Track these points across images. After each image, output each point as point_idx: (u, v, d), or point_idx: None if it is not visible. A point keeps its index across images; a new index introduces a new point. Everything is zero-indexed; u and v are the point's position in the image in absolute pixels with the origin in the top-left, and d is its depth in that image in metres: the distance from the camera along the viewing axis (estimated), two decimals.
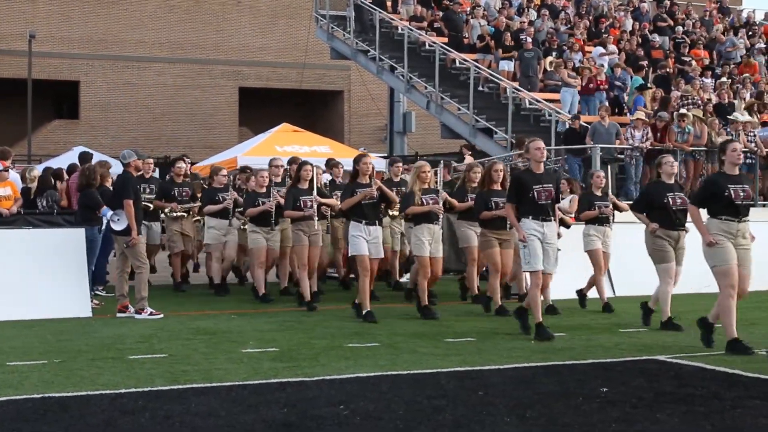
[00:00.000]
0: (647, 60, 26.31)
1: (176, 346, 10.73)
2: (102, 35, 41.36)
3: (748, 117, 22.30)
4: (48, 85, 40.92)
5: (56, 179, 17.52)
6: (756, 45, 29.44)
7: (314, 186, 14.07)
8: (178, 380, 8.73)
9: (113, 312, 13.40)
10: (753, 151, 21.23)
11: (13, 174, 16.88)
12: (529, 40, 25.30)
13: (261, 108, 42.35)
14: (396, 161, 16.98)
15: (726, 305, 10.38)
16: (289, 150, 24.06)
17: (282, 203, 14.45)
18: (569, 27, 28.50)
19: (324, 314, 13.49)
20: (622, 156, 20.55)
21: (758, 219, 13.17)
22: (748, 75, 26.30)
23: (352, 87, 43.70)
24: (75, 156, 21.74)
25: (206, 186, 17.13)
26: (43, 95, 40.74)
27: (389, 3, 29.67)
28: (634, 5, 31.75)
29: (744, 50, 29.08)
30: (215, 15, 42.93)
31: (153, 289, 14.20)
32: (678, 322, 12.17)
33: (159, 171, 19.29)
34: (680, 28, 29.75)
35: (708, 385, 8.60)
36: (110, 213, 13.49)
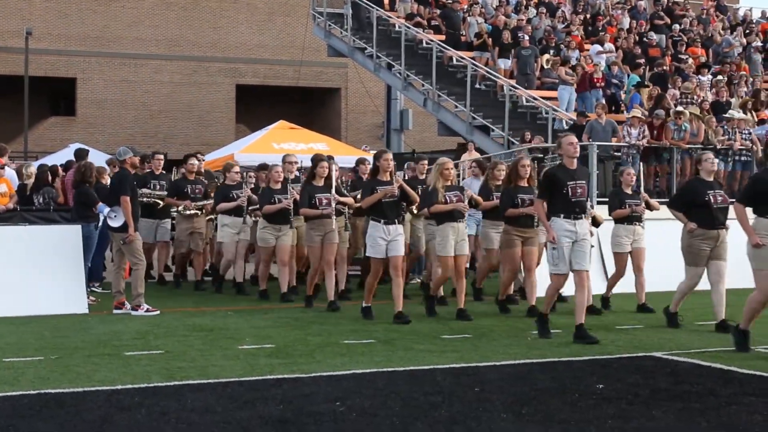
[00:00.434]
0: (644, 58, 26.32)
1: (172, 343, 10.73)
2: (99, 32, 41.32)
3: (743, 114, 22.31)
4: (45, 82, 40.87)
5: (53, 176, 17.49)
6: (753, 43, 29.45)
7: (331, 183, 13.69)
8: (174, 376, 8.73)
9: (109, 308, 13.39)
10: (748, 149, 21.27)
11: (9, 171, 16.87)
12: (527, 38, 25.31)
13: (258, 105, 42.34)
14: (422, 158, 16.12)
15: (758, 309, 10.27)
16: (286, 147, 24.02)
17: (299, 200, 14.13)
18: (566, 25, 28.51)
19: (320, 311, 13.48)
20: (619, 154, 20.54)
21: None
22: (745, 73, 26.32)
23: (350, 84, 43.69)
24: (71, 153, 21.74)
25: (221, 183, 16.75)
26: (40, 92, 40.69)
27: (386, 0, 29.66)
28: (631, 3, 31.76)
29: (741, 48, 29.10)
30: (212, 12, 42.90)
31: (149, 286, 14.18)
32: (680, 320, 12.15)
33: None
34: (677, 26, 29.75)
35: (704, 382, 8.62)
36: (107, 210, 13.48)
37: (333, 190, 13.63)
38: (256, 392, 8.05)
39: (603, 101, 22.82)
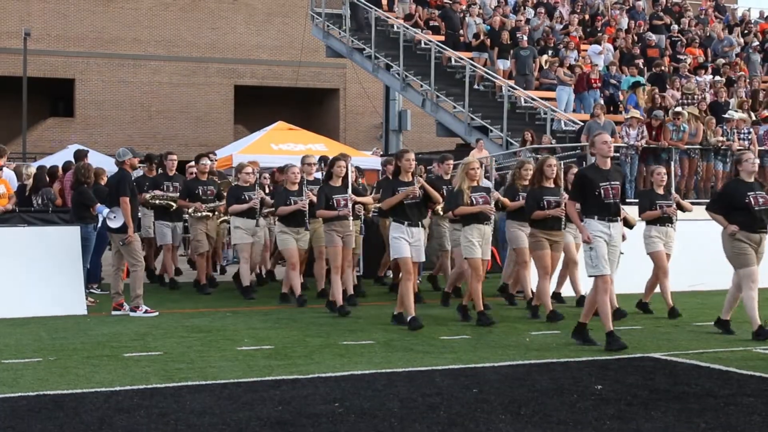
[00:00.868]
0: (643, 58, 26.32)
1: (171, 344, 10.73)
2: (97, 33, 41.33)
3: (743, 114, 22.32)
4: (43, 83, 40.89)
5: (52, 177, 17.49)
6: (751, 43, 29.46)
7: (348, 183, 13.32)
8: (173, 378, 8.73)
9: (108, 310, 13.39)
10: (747, 149, 21.28)
11: (8, 172, 16.86)
12: (525, 39, 25.32)
13: (256, 106, 42.35)
14: (447, 158, 15.57)
15: None
16: (285, 148, 24.09)
17: (315, 202, 13.75)
18: (564, 25, 28.51)
19: (319, 312, 13.47)
20: (618, 154, 20.55)
21: None
22: (743, 73, 26.33)
23: (348, 85, 43.70)
24: (70, 154, 21.74)
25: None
26: (39, 93, 40.72)
27: (385, 1, 29.68)
28: (630, 3, 31.77)
29: (739, 49, 29.11)
30: (211, 13, 42.91)
31: (148, 287, 14.18)
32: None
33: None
34: (676, 27, 29.76)
35: (702, 383, 8.62)
36: (106, 210, 13.47)
37: (350, 190, 13.29)
38: (255, 393, 8.05)
39: (601, 102, 22.84)
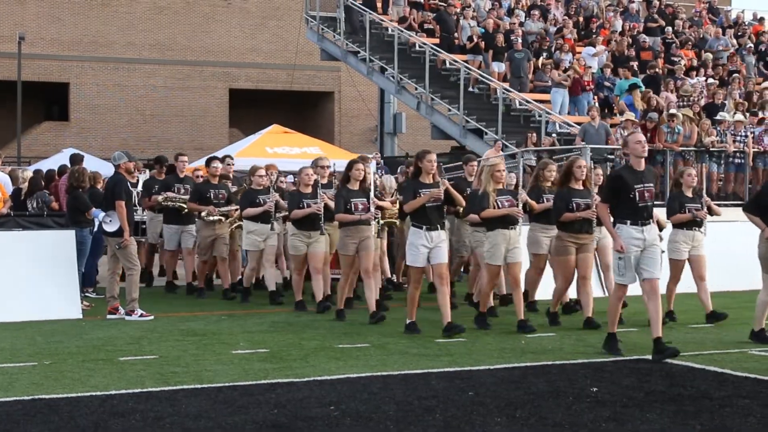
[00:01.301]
0: (637, 61, 26.34)
1: (166, 348, 10.72)
2: (92, 37, 41.28)
3: (741, 117, 22.35)
4: (38, 87, 40.84)
5: (49, 181, 17.48)
6: (745, 45, 29.51)
7: (369, 187, 13.04)
8: (169, 382, 8.73)
9: (103, 314, 13.37)
10: (742, 151, 21.34)
11: (2, 176, 16.85)
12: (519, 41, 25.33)
13: (251, 109, 42.32)
14: (470, 159, 15.20)
15: None
16: (280, 151, 24.08)
17: (330, 205, 13.49)
18: (559, 28, 28.53)
19: (314, 315, 13.47)
20: (612, 156, 20.57)
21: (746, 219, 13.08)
22: (738, 75, 26.37)
23: (343, 88, 43.66)
24: (65, 158, 21.75)
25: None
26: (33, 97, 40.65)
27: (379, 4, 29.67)
28: (624, 5, 31.80)
29: (733, 50, 29.14)
30: (205, 17, 42.87)
31: (143, 291, 14.16)
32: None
33: (148, 173, 18.80)
34: (670, 29, 29.79)
35: (698, 385, 8.64)
36: (102, 214, 13.47)
37: (371, 194, 13.02)
38: (250, 397, 8.05)
39: (596, 104, 22.87)
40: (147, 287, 16.63)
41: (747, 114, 23.05)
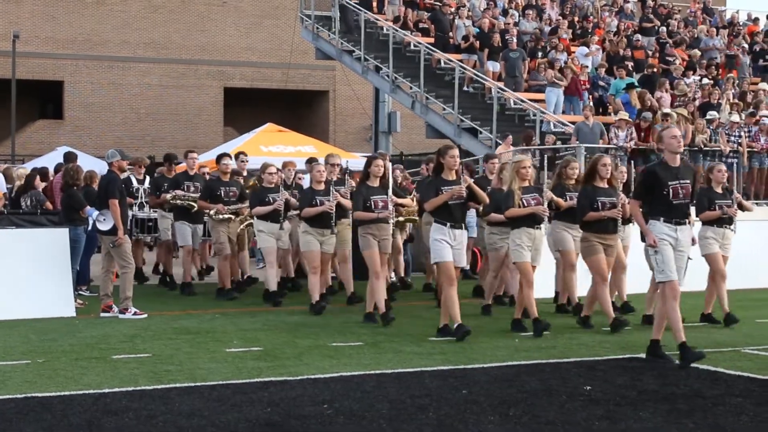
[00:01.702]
0: (632, 61, 26.35)
1: (160, 346, 10.72)
2: (86, 35, 41.23)
3: (735, 117, 22.37)
4: (32, 85, 40.78)
5: (43, 179, 17.45)
6: (739, 45, 29.54)
7: (387, 184, 12.69)
8: (162, 380, 8.73)
9: (97, 312, 13.36)
10: (735, 151, 21.36)
11: None
12: (514, 41, 25.34)
13: (246, 108, 42.29)
14: (492, 156, 14.81)
15: None
16: (275, 150, 24.08)
17: (342, 203, 13.42)
18: (554, 28, 28.55)
19: (305, 314, 13.44)
20: (609, 154, 20.53)
21: (741, 218, 13.10)
22: (732, 75, 26.40)
23: (337, 87, 43.65)
24: (59, 156, 21.72)
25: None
26: (28, 95, 40.61)
27: (374, 3, 29.65)
28: (619, 5, 31.82)
29: (727, 50, 29.18)
30: (200, 15, 42.83)
31: (137, 289, 14.15)
32: None
33: (144, 171, 18.43)
34: (664, 29, 29.82)
35: (691, 383, 8.65)
36: (96, 213, 13.46)
37: (390, 192, 12.69)
38: (244, 395, 8.05)
39: (590, 104, 22.90)
40: (139, 284, 16.61)
41: (742, 114, 23.08)
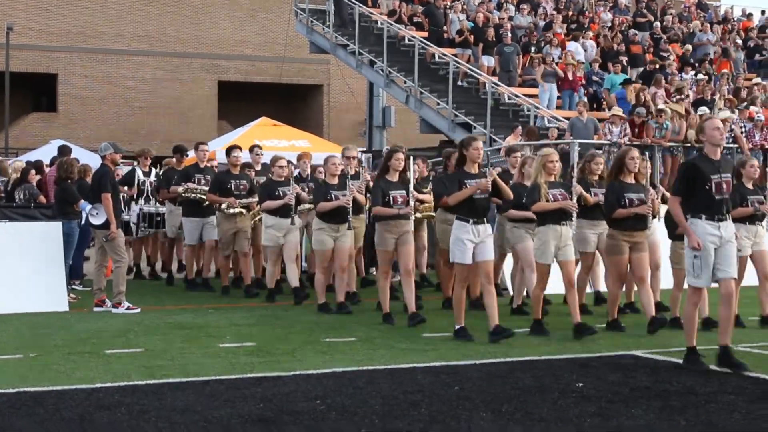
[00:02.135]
0: (627, 56, 26.37)
1: (153, 341, 10.70)
2: (81, 28, 41.17)
3: (727, 113, 22.38)
4: (26, 78, 40.72)
5: (37, 172, 17.42)
6: (734, 41, 29.57)
7: (408, 178, 12.22)
8: (155, 375, 8.72)
9: (90, 306, 13.34)
10: (728, 147, 21.36)
11: None
12: (509, 35, 25.34)
13: (240, 102, 42.26)
14: (514, 150, 14.36)
15: None
16: (268, 144, 24.02)
17: (358, 198, 12.99)
18: (548, 22, 28.55)
19: (299, 309, 13.43)
20: (600, 151, 20.55)
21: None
22: (726, 71, 26.42)
23: (332, 81, 43.65)
24: (53, 149, 21.69)
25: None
26: (21, 88, 40.54)
27: None
28: (613, 1, 31.84)
29: (722, 46, 29.20)
30: (194, 8, 42.79)
31: (130, 284, 14.13)
32: None
33: (150, 164, 18.17)
34: (658, 24, 29.84)
35: (683, 381, 8.65)
36: (89, 207, 13.44)
37: (411, 187, 12.19)
38: (237, 391, 8.04)
39: (585, 99, 22.90)
40: (134, 279, 16.60)
41: (736, 110, 23.09)
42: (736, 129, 21.57)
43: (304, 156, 15.89)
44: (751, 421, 7.13)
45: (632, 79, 24.33)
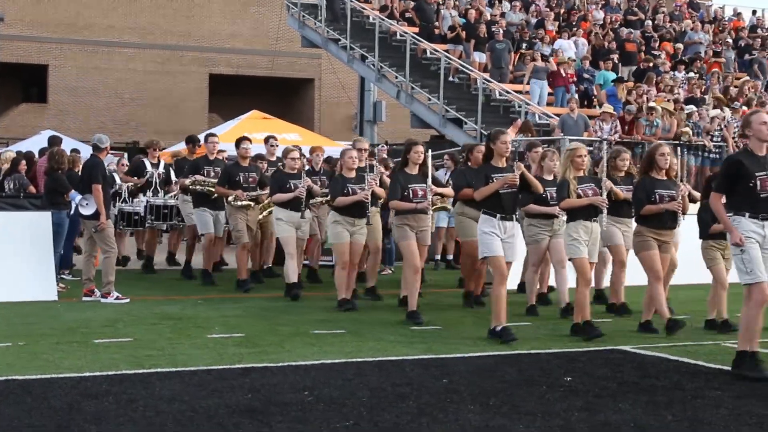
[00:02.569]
0: (619, 53, 26.39)
1: (141, 331, 10.71)
2: (72, 19, 41.05)
3: (717, 111, 22.45)
4: (16, 69, 40.56)
5: (28, 162, 17.40)
6: (725, 40, 29.62)
7: (427, 172, 12.13)
8: (143, 365, 8.73)
9: (79, 296, 13.34)
10: (719, 145, 21.44)
11: None
12: (501, 32, 25.35)
13: (231, 95, 42.15)
14: (535, 145, 14.14)
15: None
16: (259, 137, 24.00)
17: (376, 191, 12.75)
18: (540, 19, 28.57)
19: (288, 302, 13.43)
20: (591, 148, 20.59)
21: None
22: (717, 70, 26.47)
23: (323, 75, 43.60)
24: (42, 140, 21.66)
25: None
26: (11, 78, 40.42)
27: None
28: None
29: (713, 45, 29.26)
30: (186, 1, 42.68)
31: (119, 274, 14.12)
32: None
33: (128, 157, 18.25)
34: (650, 23, 29.88)
35: (670, 376, 8.69)
36: (78, 197, 13.43)
37: (429, 180, 12.08)
38: (225, 381, 8.06)
39: (575, 96, 22.93)
40: (123, 268, 16.59)
41: (725, 108, 23.14)
42: (729, 128, 21.66)
43: (317, 149, 15.80)
44: (737, 417, 7.16)
45: (624, 78, 24.36)
